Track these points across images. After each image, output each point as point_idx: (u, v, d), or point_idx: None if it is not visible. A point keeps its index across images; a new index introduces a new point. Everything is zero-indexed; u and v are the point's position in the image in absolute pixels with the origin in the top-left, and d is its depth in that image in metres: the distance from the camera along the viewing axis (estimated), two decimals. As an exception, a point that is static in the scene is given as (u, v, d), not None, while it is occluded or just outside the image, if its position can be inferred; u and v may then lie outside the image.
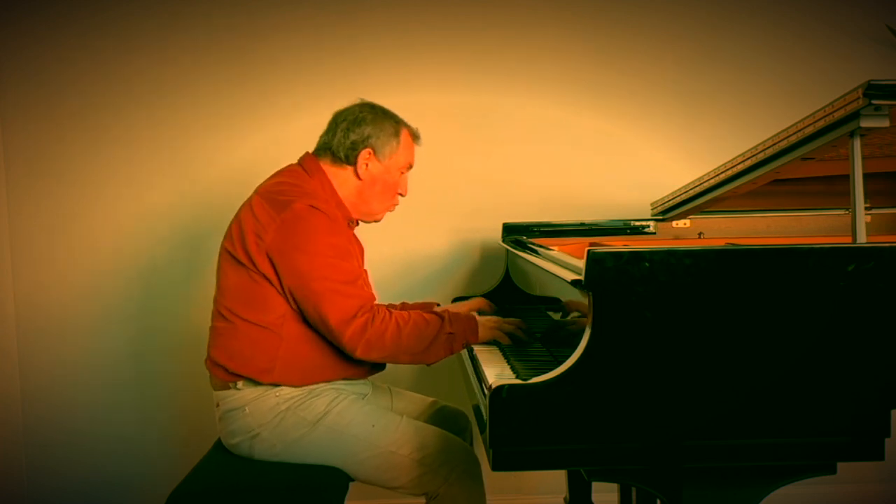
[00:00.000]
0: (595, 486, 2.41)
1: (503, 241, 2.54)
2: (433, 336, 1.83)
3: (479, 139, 2.80)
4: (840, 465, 1.41)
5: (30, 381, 2.78)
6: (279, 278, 1.83)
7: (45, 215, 2.76)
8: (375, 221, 2.09)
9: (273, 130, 2.75)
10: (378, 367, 2.02)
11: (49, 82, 2.73)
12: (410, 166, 2.07)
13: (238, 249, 1.87)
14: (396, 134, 2.00)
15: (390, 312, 1.85)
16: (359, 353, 1.81)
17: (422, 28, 2.77)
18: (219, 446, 1.98)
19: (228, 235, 1.93)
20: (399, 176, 2.04)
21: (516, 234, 2.52)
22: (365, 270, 2.14)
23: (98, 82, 2.74)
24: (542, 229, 2.53)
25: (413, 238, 2.80)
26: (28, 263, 2.76)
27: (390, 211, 2.08)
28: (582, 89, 2.79)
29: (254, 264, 1.84)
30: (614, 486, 2.35)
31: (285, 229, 1.81)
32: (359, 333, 1.79)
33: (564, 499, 2.49)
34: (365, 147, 1.97)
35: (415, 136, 2.06)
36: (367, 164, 1.98)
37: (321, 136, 2.03)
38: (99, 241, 2.77)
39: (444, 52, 2.77)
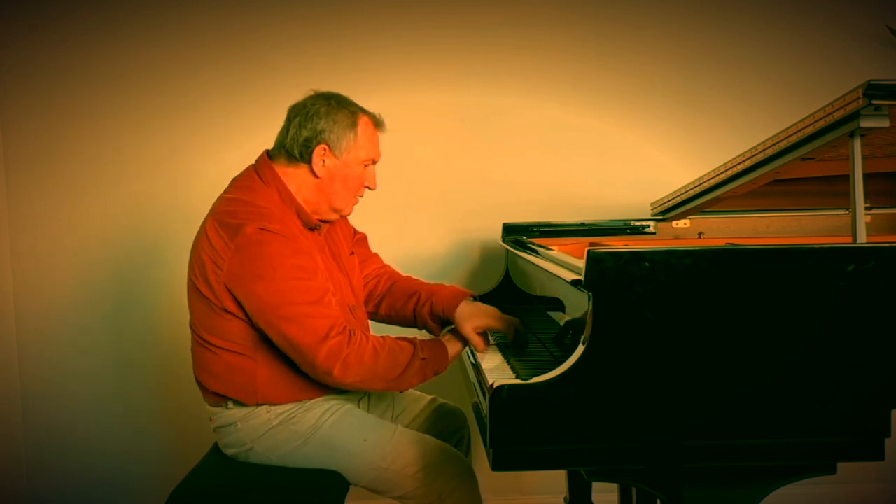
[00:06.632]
0: (595, 486, 2.41)
1: (503, 241, 2.53)
2: (407, 362, 1.75)
3: (479, 139, 2.79)
4: (840, 465, 1.41)
5: (30, 381, 2.78)
6: (241, 307, 1.74)
7: (45, 214, 2.75)
8: (344, 216, 1.96)
9: (270, 129, 2.74)
10: None
11: (49, 82, 2.73)
12: (375, 160, 1.91)
13: (199, 280, 1.78)
14: (353, 125, 1.83)
15: (366, 335, 1.76)
16: (335, 375, 1.70)
17: (422, 28, 2.76)
18: (218, 447, 1.98)
19: (190, 265, 1.83)
20: (362, 169, 1.88)
21: (516, 234, 2.52)
22: (358, 259, 2.08)
23: (98, 82, 2.73)
24: (542, 229, 2.52)
25: (413, 238, 2.80)
26: (28, 262, 2.76)
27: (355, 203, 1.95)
28: (582, 89, 2.79)
29: (215, 295, 1.75)
30: (614, 486, 2.34)
31: (240, 257, 1.70)
32: (334, 354, 1.69)
33: (564, 499, 2.49)
34: (319, 143, 1.81)
35: (377, 124, 1.89)
36: (323, 161, 1.83)
37: (278, 134, 1.89)
38: (100, 240, 2.77)
39: (444, 51, 2.77)
